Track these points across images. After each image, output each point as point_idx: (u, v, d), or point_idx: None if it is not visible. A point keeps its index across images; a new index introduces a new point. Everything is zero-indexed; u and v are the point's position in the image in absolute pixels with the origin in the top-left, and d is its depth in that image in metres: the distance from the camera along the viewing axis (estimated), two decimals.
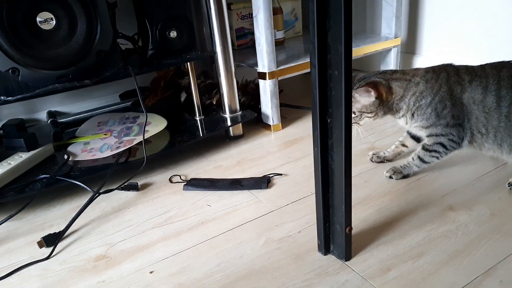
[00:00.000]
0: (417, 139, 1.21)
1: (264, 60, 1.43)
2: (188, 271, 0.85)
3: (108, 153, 1.23)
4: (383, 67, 1.84)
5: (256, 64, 1.51)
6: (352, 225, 0.81)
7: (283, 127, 1.54)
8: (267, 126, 1.54)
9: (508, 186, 1.03)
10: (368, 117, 1.11)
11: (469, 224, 0.92)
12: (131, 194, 1.17)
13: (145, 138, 1.29)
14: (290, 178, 1.18)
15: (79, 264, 0.91)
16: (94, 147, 1.29)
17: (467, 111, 1.03)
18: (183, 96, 1.62)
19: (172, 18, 1.30)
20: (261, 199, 1.09)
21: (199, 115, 1.49)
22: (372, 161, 1.24)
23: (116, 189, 1.15)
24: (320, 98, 0.72)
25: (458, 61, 1.10)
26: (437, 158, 1.09)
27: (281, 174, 1.20)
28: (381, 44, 1.74)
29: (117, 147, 1.26)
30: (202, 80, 1.66)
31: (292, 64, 1.50)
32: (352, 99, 1.08)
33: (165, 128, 1.40)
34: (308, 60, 1.53)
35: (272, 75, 1.46)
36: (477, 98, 1.02)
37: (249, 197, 1.11)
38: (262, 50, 1.42)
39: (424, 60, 1.84)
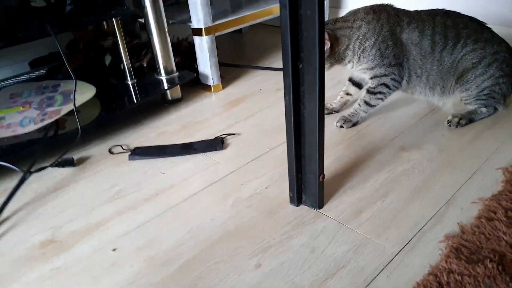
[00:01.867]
0: (358, 85, 1.23)
1: (199, 15, 1.33)
2: (156, 243, 0.78)
3: (31, 127, 1.07)
4: None
5: (188, 20, 1.40)
6: None
7: (223, 87, 1.48)
8: (207, 87, 1.47)
9: (447, 124, 1.11)
10: None
11: (422, 161, 0.96)
12: (67, 170, 1.04)
13: (69, 109, 1.14)
14: (243, 137, 1.14)
15: (23, 253, 0.78)
16: (11, 122, 1.11)
17: (406, 51, 1.07)
18: (108, 59, 1.46)
19: None
20: (219, 160, 1.04)
21: (131, 78, 1.36)
22: None
23: (49, 166, 1.01)
24: (292, 41, 0.68)
25: None
26: (382, 99, 1.12)
27: (234, 134, 1.15)
28: None
29: (42, 120, 1.09)
30: (128, 40, 1.50)
31: (229, 19, 1.42)
32: None
33: (94, 95, 1.25)
34: (243, 14, 1.46)
35: (208, 30, 1.37)
36: (414, 40, 1.06)
37: (205, 160, 1.04)
38: (196, 3, 1.32)
39: None
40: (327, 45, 1.05)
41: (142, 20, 1.57)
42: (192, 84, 1.45)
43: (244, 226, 0.81)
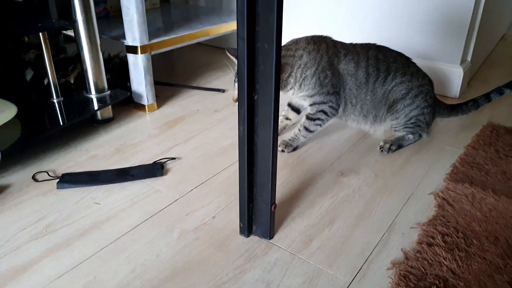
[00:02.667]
0: (297, 110, 1.26)
1: (135, 32, 1.27)
2: (96, 285, 0.71)
3: None
4: None
5: (122, 36, 1.33)
6: None
7: (158, 106, 1.42)
8: (140, 106, 1.40)
9: (380, 149, 1.17)
10: None
11: (361, 187, 1.01)
12: None
13: None
14: (184, 162, 1.10)
15: None
16: None
17: (342, 81, 1.12)
18: (29, 74, 1.33)
19: None
20: (159, 188, 0.98)
21: (57, 96, 1.24)
22: None
23: None
24: (248, 73, 0.67)
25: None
26: (320, 125, 1.16)
27: (174, 158, 1.10)
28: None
29: None
30: (53, 54, 1.38)
31: (166, 38, 1.38)
32: None
33: (15, 115, 1.12)
34: (180, 34, 1.43)
35: (144, 49, 1.31)
36: (350, 71, 1.12)
37: (144, 187, 0.98)
38: (132, 21, 1.26)
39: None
40: None
41: (67, 33, 1.46)
42: (123, 102, 1.37)
43: (194, 261, 0.77)
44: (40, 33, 1.13)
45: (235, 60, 1.11)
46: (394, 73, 1.13)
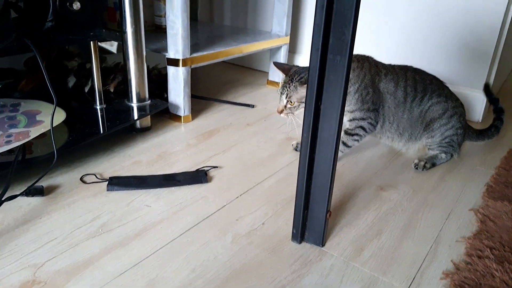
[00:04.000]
0: None
1: (179, 46, 1.32)
2: (160, 283, 0.72)
3: None
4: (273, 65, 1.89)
5: (163, 49, 1.38)
6: None
7: (192, 118, 1.45)
8: (176, 117, 1.43)
9: (415, 167, 1.20)
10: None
11: (401, 201, 1.03)
12: (34, 200, 0.93)
13: (40, 131, 1.03)
14: (226, 170, 1.12)
15: None
16: None
17: (382, 99, 1.16)
18: (71, 81, 1.36)
19: None
20: (206, 194, 1.00)
21: (101, 103, 1.28)
22: (297, 150, 1.27)
23: (20, 194, 0.89)
24: (318, 82, 0.70)
25: None
26: (358, 141, 1.20)
27: (216, 167, 1.13)
28: (273, 41, 1.79)
29: (7, 142, 0.97)
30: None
31: (205, 53, 1.43)
32: (294, 90, 1.10)
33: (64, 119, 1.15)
34: (217, 50, 1.48)
35: (185, 62, 1.35)
36: (390, 89, 1.16)
37: (191, 193, 1.01)
38: (177, 34, 1.31)
39: (305, 58, 1.98)
40: None
41: (103, 45, 1.50)
42: (159, 113, 1.41)
43: (250, 264, 0.78)
44: (91, 42, 1.18)
45: (282, 74, 1.15)
46: (431, 94, 1.17)
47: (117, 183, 1.01)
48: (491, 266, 0.77)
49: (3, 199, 0.83)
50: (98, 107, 1.27)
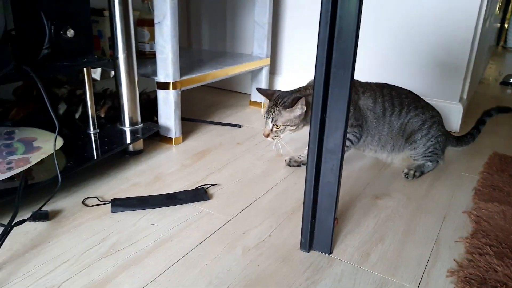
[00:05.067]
0: None
1: (169, 70, 1.35)
2: None
3: None
4: (255, 85, 1.94)
5: (152, 74, 1.41)
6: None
7: (182, 140, 1.47)
8: (167, 139, 1.44)
9: (405, 176, 1.26)
10: (290, 129, 1.20)
11: (398, 208, 1.08)
12: (40, 225, 0.92)
13: (40, 157, 1.03)
14: (225, 187, 1.14)
15: None
16: None
17: (364, 115, 1.23)
18: (62, 108, 1.36)
19: (69, 14, 1.09)
20: (209, 210, 1.02)
21: (94, 128, 1.28)
22: (290, 166, 1.31)
23: (28, 219, 0.88)
24: (324, 95, 0.75)
25: (308, 80, 1.30)
26: (345, 151, 1.25)
27: (215, 184, 1.14)
28: (254, 63, 1.85)
29: (9, 169, 0.96)
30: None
31: (193, 76, 1.46)
32: (278, 114, 1.15)
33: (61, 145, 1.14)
34: (204, 73, 1.52)
35: (175, 85, 1.38)
36: (369, 106, 1.23)
37: (194, 210, 1.02)
38: (167, 59, 1.34)
39: (284, 79, 2.04)
40: (303, 109, 1.16)
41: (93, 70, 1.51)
42: (150, 136, 1.42)
43: (264, 273, 0.80)
44: (85, 68, 1.19)
45: (266, 100, 1.21)
46: (408, 107, 1.25)
47: (120, 204, 1.01)
48: (492, 262, 0.82)
49: (13, 223, 0.82)
50: (92, 132, 1.27)
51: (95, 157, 1.12)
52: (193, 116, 1.72)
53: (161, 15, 1.29)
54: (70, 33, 1.10)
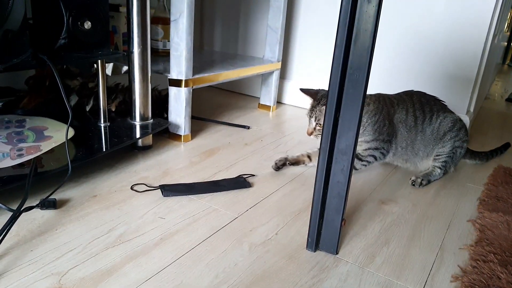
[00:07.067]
0: None
1: (182, 67, 1.36)
2: None
3: (8, 163, 0.94)
4: (265, 89, 1.96)
5: (164, 70, 1.42)
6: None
7: (191, 138, 1.48)
8: (176, 137, 1.45)
9: (412, 183, 1.27)
10: None
11: (403, 214, 1.08)
12: (47, 213, 0.92)
13: (52, 146, 1.04)
14: None
15: None
16: None
17: (395, 130, 1.25)
18: (73, 100, 1.38)
19: (88, 5, 1.11)
20: (216, 207, 1.03)
21: (105, 121, 1.29)
22: (276, 165, 1.29)
23: (36, 206, 0.89)
24: (338, 96, 0.76)
25: (318, 86, 1.31)
26: (366, 166, 1.28)
27: (253, 175, 1.16)
28: (265, 67, 1.86)
29: (19, 155, 0.97)
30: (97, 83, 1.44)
31: (205, 75, 1.47)
32: (322, 113, 1.16)
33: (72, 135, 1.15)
34: (216, 72, 1.53)
35: (187, 82, 1.40)
36: (402, 118, 1.25)
37: (202, 206, 1.02)
38: (181, 56, 1.35)
39: (294, 84, 2.06)
40: None
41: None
42: (159, 132, 1.43)
43: (271, 270, 0.80)
44: (99, 62, 1.21)
45: (310, 99, 1.22)
46: (437, 112, 1.27)
47: (170, 189, 1.05)
48: (496, 269, 0.82)
49: (22, 209, 0.83)
50: (102, 125, 1.28)
51: (104, 149, 1.13)
52: (202, 116, 1.74)
53: (177, 13, 1.31)
54: (88, 25, 1.11)
